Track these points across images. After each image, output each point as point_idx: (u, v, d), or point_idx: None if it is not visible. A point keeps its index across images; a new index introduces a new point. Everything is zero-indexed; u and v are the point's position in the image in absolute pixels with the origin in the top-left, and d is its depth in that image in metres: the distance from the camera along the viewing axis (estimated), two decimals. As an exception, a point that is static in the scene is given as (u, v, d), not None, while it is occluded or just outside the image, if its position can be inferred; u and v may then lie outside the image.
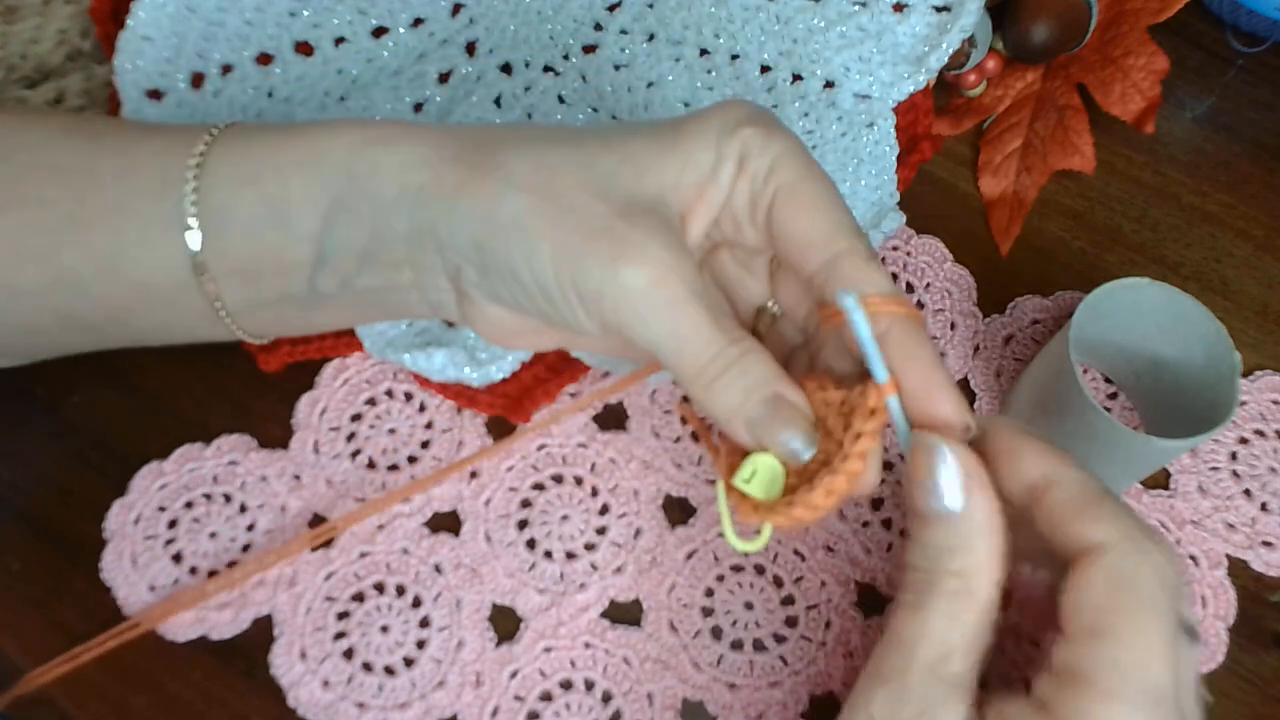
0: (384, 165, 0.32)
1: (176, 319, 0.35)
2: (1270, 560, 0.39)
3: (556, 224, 0.30)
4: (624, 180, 0.31)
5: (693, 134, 0.31)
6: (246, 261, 0.33)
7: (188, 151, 0.33)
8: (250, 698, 0.38)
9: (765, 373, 0.30)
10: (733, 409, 0.30)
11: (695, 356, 0.30)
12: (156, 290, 0.34)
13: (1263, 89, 0.52)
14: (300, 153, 0.33)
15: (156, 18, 0.46)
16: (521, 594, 0.39)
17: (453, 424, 0.43)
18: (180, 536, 0.40)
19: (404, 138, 0.32)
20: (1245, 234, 0.47)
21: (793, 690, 0.37)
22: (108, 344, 0.38)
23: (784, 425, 0.30)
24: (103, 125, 0.35)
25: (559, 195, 0.30)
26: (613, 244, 0.29)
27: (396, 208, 0.32)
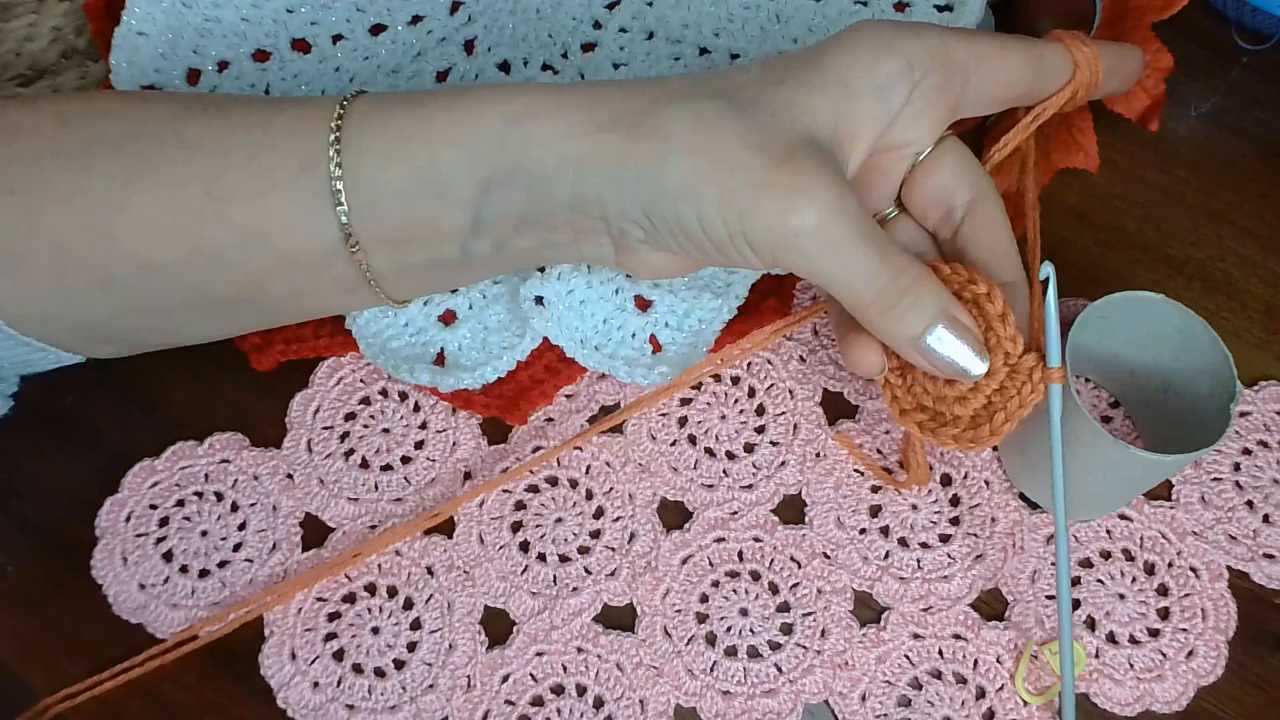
0: (538, 137, 0.32)
1: (313, 288, 0.36)
2: (1272, 573, 0.39)
3: (722, 182, 0.31)
4: (781, 128, 0.32)
5: (843, 68, 0.33)
6: (399, 230, 0.34)
7: (323, 125, 0.34)
8: (248, 702, 0.38)
9: (934, 298, 0.32)
10: (908, 335, 0.32)
11: (865, 289, 0.32)
12: (300, 259, 0.35)
13: (1269, 87, 0.51)
14: (447, 127, 0.33)
15: (151, 13, 0.46)
16: (514, 597, 0.39)
17: (447, 424, 0.42)
18: (171, 535, 0.40)
19: (554, 107, 0.33)
20: (1251, 233, 0.47)
21: (787, 699, 0.37)
22: (225, 329, 0.39)
23: (955, 348, 0.33)
24: (223, 101, 0.36)
25: (720, 152, 0.31)
26: (778, 195, 0.30)
27: (558, 178, 0.32)
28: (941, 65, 0.33)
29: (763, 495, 0.41)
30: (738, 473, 0.41)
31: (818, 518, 0.40)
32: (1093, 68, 0.36)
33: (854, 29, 0.33)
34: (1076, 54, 0.36)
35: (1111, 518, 0.40)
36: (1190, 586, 0.39)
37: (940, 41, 0.33)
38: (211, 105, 0.35)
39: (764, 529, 0.40)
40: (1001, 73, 0.34)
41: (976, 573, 0.39)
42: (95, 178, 0.34)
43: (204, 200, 0.34)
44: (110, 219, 0.34)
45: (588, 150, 0.32)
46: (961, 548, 0.40)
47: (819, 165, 0.31)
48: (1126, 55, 0.39)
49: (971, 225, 0.35)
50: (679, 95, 0.32)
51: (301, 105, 0.35)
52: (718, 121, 0.31)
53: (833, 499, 0.40)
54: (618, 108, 0.32)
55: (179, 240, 0.34)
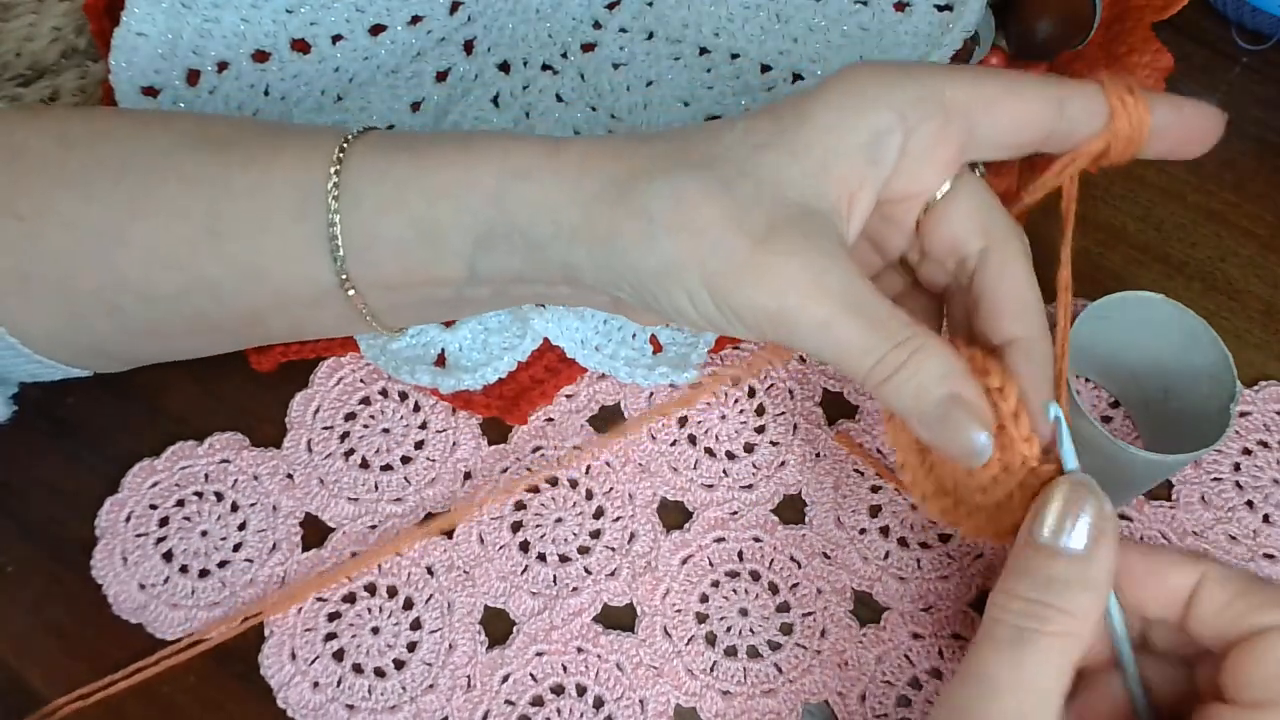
0: (533, 200, 0.32)
1: (312, 320, 0.37)
2: (1272, 573, 0.39)
3: (704, 264, 0.30)
4: (765, 201, 0.30)
5: (829, 129, 0.31)
6: (395, 276, 0.35)
7: (322, 169, 0.34)
8: (248, 702, 0.38)
9: (936, 373, 0.29)
10: (906, 410, 0.30)
11: (857, 364, 0.30)
12: (298, 297, 0.35)
13: (1268, 87, 0.51)
14: (445, 180, 0.33)
15: (151, 14, 0.46)
16: (514, 597, 0.39)
17: (447, 425, 0.42)
18: (171, 535, 0.40)
19: (545, 169, 0.32)
20: (1250, 233, 0.47)
21: (787, 699, 0.37)
22: (230, 346, 0.40)
23: (959, 429, 0.29)
24: (224, 132, 0.35)
25: (702, 232, 0.30)
26: (756, 278, 0.30)
27: (552, 244, 0.32)
28: (937, 110, 0.31)
29: (762, 495, 0.41)
30: (737, 472, 0.41)
31: (817, 517, 0.40)
32: (1135, 118, 0.31)
33: (839, 78, 0.31)
34: (1114, 99, 0.31)
35: (1111, 518, 0.40)
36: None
37: (934, 85, 0.31)
38: (211, 138, 0.35)
39: (764, 529, 0.40)
40: (1013, 115, 0.31)
41: (976, 572, 0.39)
42: (97, 206, 0.34)
43: (203, 236, 0.34)
44: (112, 250, 0.34)
45: (579, 222, 0.32)
46: (961, 547, 0.40)
47: (800, 243, 0.30)
48: (1191, 112, 0.32)
49: (984, 275, 0.33)
50: (663, 167, 0.31)
51: (302, 143, 0.35)
52: (699, 199, 0.30)
53: (832, 499, 0.40)
54: (607, 176, 0.32)
55: (179, 274, 0.34)
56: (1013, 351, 0.32)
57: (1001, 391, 0.30)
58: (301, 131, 0.36)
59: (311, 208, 0.33)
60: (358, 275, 0.34)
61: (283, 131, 0.36)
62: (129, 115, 0.36)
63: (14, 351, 0.36)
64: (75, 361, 0.38)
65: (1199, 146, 0.33)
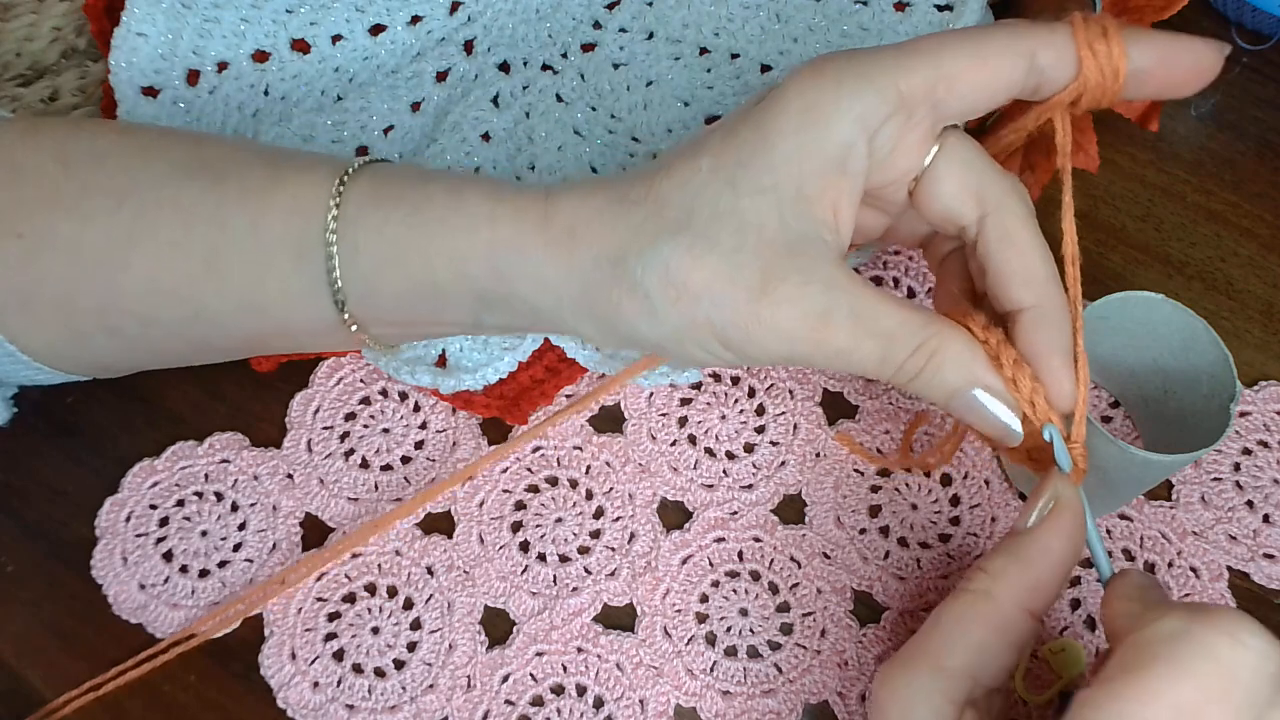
0: (530, 275, 0.32)
1: (315, 344, 0.38)
2: (1272, 573, 0.39)
3: (711, 322, 0.31)
4: (751, 248, 0.30)
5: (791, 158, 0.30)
6: (399, 317, 0.35)
7: (319, 216, 0.33)
8: (247, 701, 0.38)
9: (955, 369, 0.30)
10: (935, 402, 0.31)
11: (879, 373, 0.31)
12: (300, 329, 0.36)
13: (1268, 87, 0.51)
14: (440, 245, 0.33)
15: (151, 14, 0.46)
16: (514, 597, 0.39)
17: (447, 425, 0.42)
18: (171, 535, 0.40)
19: (536, 243, 0.32)
20: (1250, 233, 0.47)
21: (787, 699, 0.37)
22: (231, 359, 0.40)
23: (986, 417, 0.31)
24: (219, 160, 0.35)
25: (700, 297, 0.30)
26: (764, 327, 0.30)
27: (557, 312, 0.33)
28: (900, 104, 0.30)
29: (762, 495, 0.41)
30: (737, 473, 0.41)
31: (817, 517, 0.40)
32: (1108, 65, 0.30)
33: (792, 92, 0.30)
34: (1083, 49, 0.30)
35: (1111, 518, 0.40)
36: (1190, 586, 0.39)
37: (889, 81, 0.30)
38: (206, 167, 0.35)
39: (764, 529, 0.40)
40: (978, 83, 0.30)
41: (976, 573, 0.39)
42: (97, 232, 0.34)
43: (203, 271, 0.34)
44: (113, 275, 0.34)
45: (579, 296, 0.32)
46: (961, 547, 0.40)
47: (797, 285, 0.30)
48: (1175, 50, 0.31)
49: (985, 244, 0.32)
50: (646, 237, 0.31)
51: (296, 181, 0.34)
52: (688, 265, 0.30)
53: (832, 499, 0.40)
54: (597, 253, 0.31)
55: (179, 303, 0.35)
56: (1025, 320, 0.31)
57: (1015, 382, 0.31)
58: (295, 165, 0.35)
59: (310, 254, 0.34)
60: (361, 315, 0.35)
61: (276, 163, 0.35)
62: (127, 135, 0.36)
63: (14, 359, 0.36)
64: (75, 371, 0.38)
65: (1190, 85, 0.31)
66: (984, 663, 0.29)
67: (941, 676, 0.28)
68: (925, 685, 0.28)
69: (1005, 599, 0.29)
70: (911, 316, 0.30)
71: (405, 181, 0.34)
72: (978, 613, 0.29)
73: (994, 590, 0.29)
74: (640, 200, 0.31)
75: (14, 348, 0.36)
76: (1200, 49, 0.31)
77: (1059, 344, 0.31)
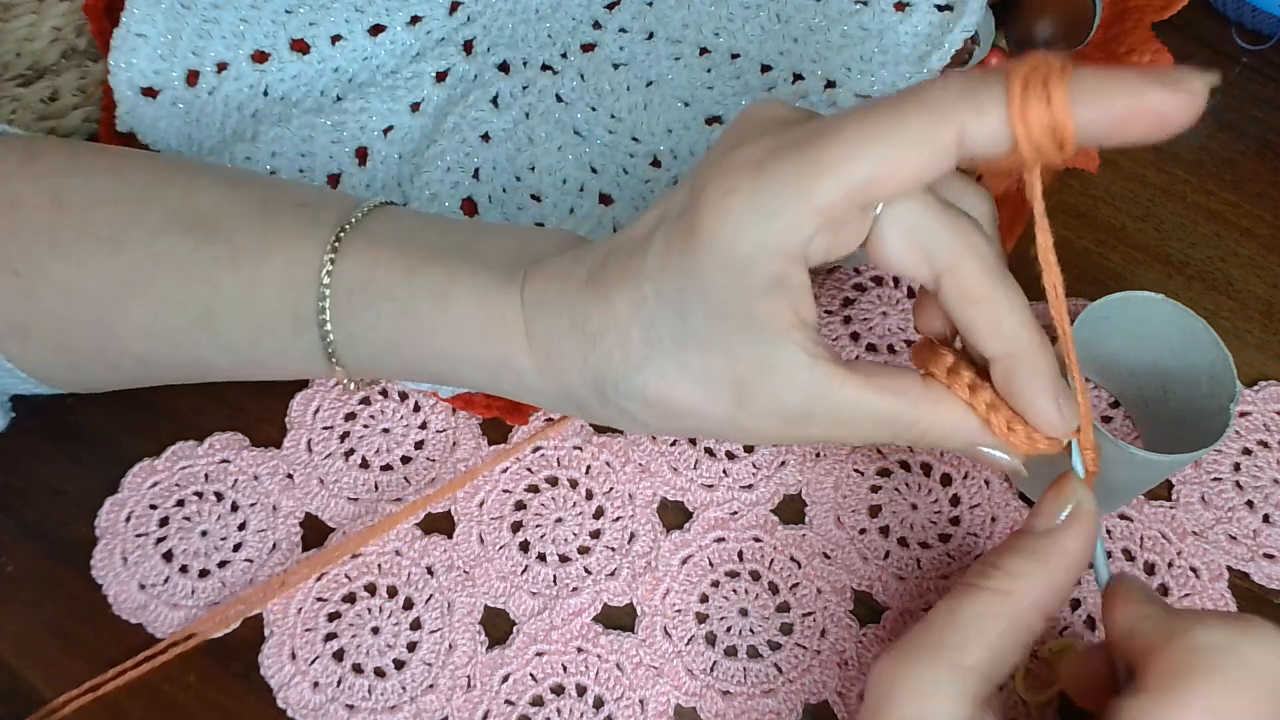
0: (526, 384, 0.33)
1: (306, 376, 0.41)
2: (1272, 573, 0.39)
3: (703, 428, 0.32)
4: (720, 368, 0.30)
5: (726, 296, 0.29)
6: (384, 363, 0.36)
7: (312, 296, 0.34)
8: (247, 701, 0.38)
9: (951, 438, 0.31)
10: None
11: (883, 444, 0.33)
12: (298, 375, 0.39)
13: (1268, 87, 0.51)
14: (434, 346, 0.34)
15: (151, 14, 0.46)
16: (514, 597, 0.39)
17: (447, 425, 0.42)
18: (171, 535, 0.40)
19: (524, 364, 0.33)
20: (1250, 233, 0.47)
21: (787, 699, 0.37)
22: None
23: (989, 461, 0.32)
24: (211, 216, 0.35)
25: (685, 413, 0.31)
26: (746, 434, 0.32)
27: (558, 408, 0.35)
28: (822, 220, 0.28)
29: (762, 495, 0.41)
30: (737, 473, 0.41)
31: (817, 517, 0.40)
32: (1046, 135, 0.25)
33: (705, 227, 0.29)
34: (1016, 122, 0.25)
35: (1111, 518, 0.40)
36: (1190, 587, 0.39)
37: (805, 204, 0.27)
38: (199, 223, 0.35)
39: (764, 529, 0.40)
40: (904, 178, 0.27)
41: (976, 573, 0.39)
42: (93, 277, 0.34)
43: (199, 328, 0.35)
44: (110, 318, 0.35)
45: (571, 407, 0.34)
46: (961, 547, 0.40)
47: (772, 395, 0.30)
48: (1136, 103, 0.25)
49: (946, 302, 0.30)
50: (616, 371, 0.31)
51: (286, 254, 0.34)
52: (663, 390, 0.31)
53: (832, 499, 0.40)
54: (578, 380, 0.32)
55: (176, 352, 0.36)
56: (1000, 368, 0.30)
57: (988, 423, 0.31)
58: (282, 227, 0.35)
59: (306, 328, 0.34)
60: (361, 376, 0.36)
61: (265, 222, 0.35)
62: (122, 179, 0.36)
63: (12, 375, 0.37)
64: (74, 390, 0.39)
65: (1159, 133, 0.26)
66: (1000, 661, 0.29)
67: (962, 674, 0.28)
68: (946, 683, 0.28)
69: (1025, 599, 0.29)
70: (891, 406, 0.30)
71: (392, 269, 0.34)
72: (999, 611, 0.29)
73: (1015, 590, 0.29)
74: (601, 332, 0.31)
75: (12, 365, 0.36)
76: (1170, 100, 0.25)
77: (1039, 386, 0.30)
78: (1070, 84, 0.25)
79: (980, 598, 0.29)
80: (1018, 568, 0.29)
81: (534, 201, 0.46)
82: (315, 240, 0.34)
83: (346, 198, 0.37)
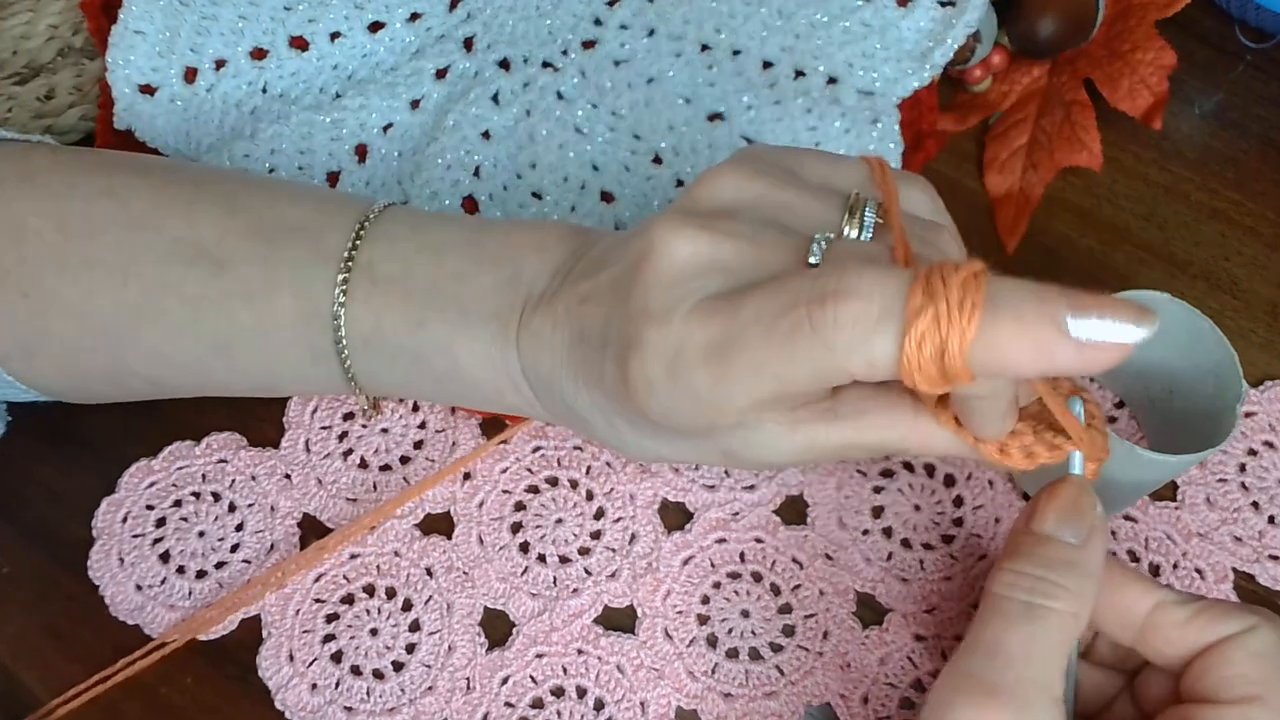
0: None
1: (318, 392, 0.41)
2: (1277, 574, 0.38)
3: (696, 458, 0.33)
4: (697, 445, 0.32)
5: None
6: (405, 392, 0.38)
7: (327, 330, 0.34)
8: (244, 704, 0.37)
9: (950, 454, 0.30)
10: None
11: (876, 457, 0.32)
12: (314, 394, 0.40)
13: (1271, 85, 0.51)
14: (451, 387, 0.35)
15: (148, 11, 0.45)
16: (514, 598, 0.39)
17: (446, 424, 0.42)
18: (168, 535, 0.40)
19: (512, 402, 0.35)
20: (1254, 232, 0.47)
21: (789, 701, 0.37)
22: None
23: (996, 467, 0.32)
24: (213, 246, 0.35)
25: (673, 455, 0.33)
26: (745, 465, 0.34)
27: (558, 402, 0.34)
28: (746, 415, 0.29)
29: (764, 496, 0.40)
30: (739, 473, 0.41)
31: (820, 519, 0.40)
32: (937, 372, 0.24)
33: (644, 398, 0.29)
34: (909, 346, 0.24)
35: (1117, 519, 0.40)
36: (1196, 588, 0.38)
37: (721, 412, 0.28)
38: (204, 253, 0.34)
39: (765, 530, 0.40)
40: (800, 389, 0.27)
41: (979, 574, 0.39)
42: (102, 303, 0.34)
43: (213, 354, 0.35)
44: (120, 343, 0.35)
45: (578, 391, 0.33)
46: (964, 549, 0.39)
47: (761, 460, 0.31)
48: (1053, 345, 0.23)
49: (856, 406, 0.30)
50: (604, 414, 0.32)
51: (293, 286, 0.34)
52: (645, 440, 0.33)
53: (834, 500, 0.40)
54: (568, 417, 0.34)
55: (190, 376, 0.36)
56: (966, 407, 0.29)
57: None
58: (287, 260, 0.35)
59: (324, 359, 0.35)
60: (374, 392, 0.37)
61: (270, 251, 0.35)
62: (120, 205, 0.35)
63: (13, 388, 0.37)
64: (75, 401, 0.39)
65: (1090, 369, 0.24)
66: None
67: (1056, 708, 0.27)
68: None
69: (1086, 616, 0.29)
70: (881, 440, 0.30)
71: (398, 323, 0.34)
72: (1070, 635, 0.28)
73: (1081, 612, 0.29)
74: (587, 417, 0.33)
75: (12, 377, 0.36)
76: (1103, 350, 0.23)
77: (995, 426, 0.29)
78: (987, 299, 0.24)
79: (1053, 622, 0.28)
80: (1078, 587, 0.29)
81: (535, 199, 0.46)
82: (322, 279, 0.34)
83: (341, 210, 0.36)
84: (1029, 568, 0.29)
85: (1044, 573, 0.29)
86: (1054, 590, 0.28)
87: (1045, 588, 0.28)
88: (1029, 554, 0.29)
